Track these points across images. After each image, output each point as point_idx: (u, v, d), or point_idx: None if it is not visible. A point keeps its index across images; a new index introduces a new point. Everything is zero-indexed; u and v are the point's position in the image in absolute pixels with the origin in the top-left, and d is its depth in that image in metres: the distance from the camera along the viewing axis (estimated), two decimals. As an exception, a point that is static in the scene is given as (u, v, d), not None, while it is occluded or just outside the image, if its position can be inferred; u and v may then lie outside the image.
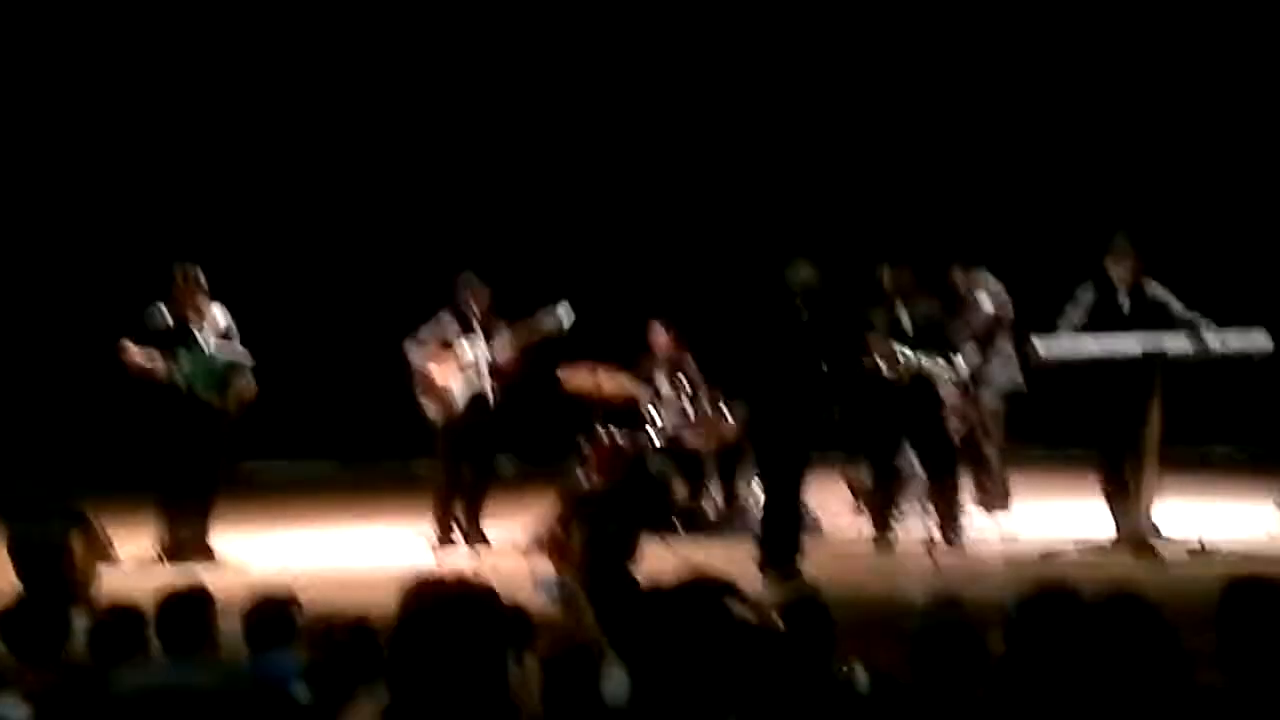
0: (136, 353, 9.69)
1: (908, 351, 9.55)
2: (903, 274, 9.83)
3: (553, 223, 14.48)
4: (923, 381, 9.66)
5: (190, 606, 5.34)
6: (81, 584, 8.47)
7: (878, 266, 9.87)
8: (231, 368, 9.76)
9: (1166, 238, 10.55)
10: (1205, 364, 9.25)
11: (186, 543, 9.65)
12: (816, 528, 10.60)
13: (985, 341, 10.49)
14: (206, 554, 9.65)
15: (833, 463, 11.37)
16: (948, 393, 9.84)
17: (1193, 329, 9.23)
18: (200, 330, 9.79)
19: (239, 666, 5.37)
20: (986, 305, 10.45)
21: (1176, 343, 9.14)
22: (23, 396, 14.00)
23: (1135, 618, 4.44)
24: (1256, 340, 9.18)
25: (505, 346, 10.12)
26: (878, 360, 9.57)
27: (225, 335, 9.87)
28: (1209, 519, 9.96)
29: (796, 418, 8.90)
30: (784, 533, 8.96)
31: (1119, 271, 9.53)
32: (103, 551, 9.01)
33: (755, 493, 10.51)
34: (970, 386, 10.29)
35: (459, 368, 10.12)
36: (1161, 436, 9.20)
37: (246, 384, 9.81)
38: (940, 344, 9.83)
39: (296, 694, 4.83)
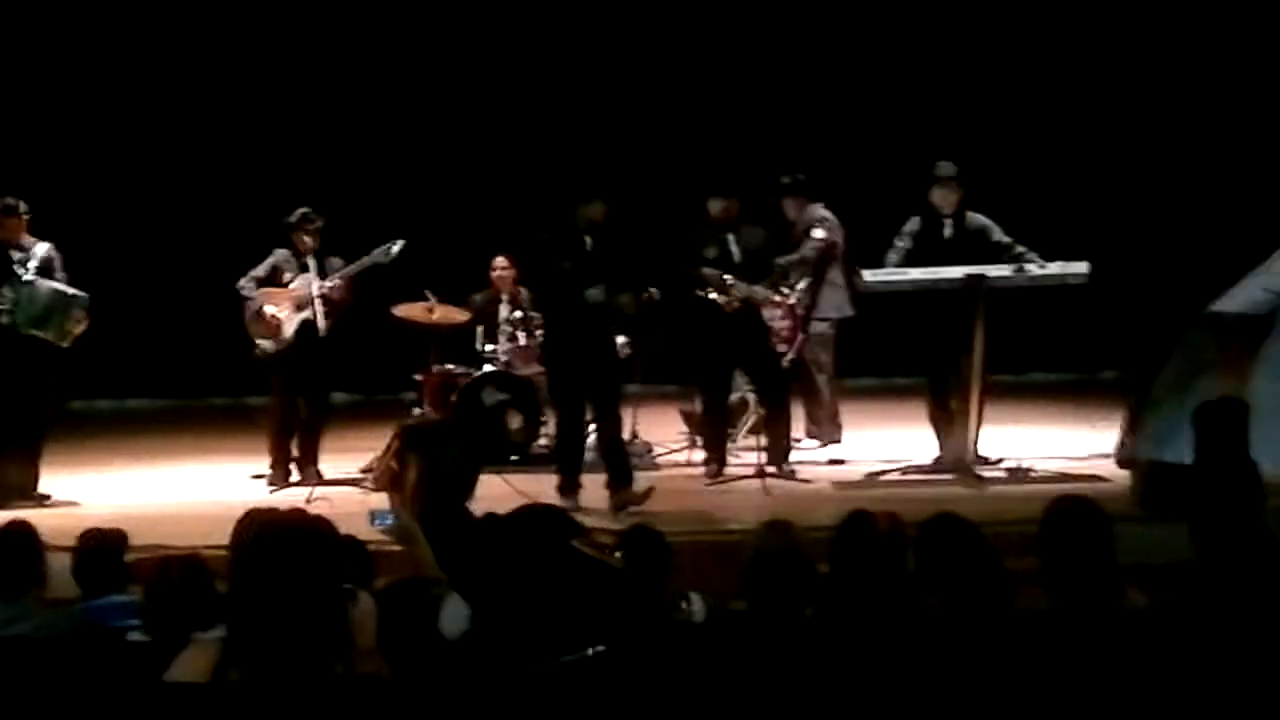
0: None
1: (735, 280, 9.63)
2: (731, 204, 9.89)
3: (388, 159, 14.37)
4: (751, 310, 9.76)
5: (17, 547, 5.26)
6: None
7: (707, 198, 9.93)
8: (59, 301, 9.55)
9: (989, 168, 10.74)
10: (1025, 291, 9.46)
11: (13, 484, 9.47)
12: (650, 459, 10.73)
13: (817, 271, 10.62)
14: (35, 495, 9.49)
15: (667, 394, 11.50)
16: (776, 321, 9.95)
17: (1013, 255, 9.45)
18: (22, 265, 9.57)
19: (71, 609, 5.33)
20: (818, 234, 10.59)
21: (997, 270, 9.34)
22: None
23: (956, 538, 4.59)
24: (1074, 268, 9.41)
25: (338, 277, 10.05)
26: (706, 289, 9.65)
27: (47, 270, 9.65)
28: (1029, 444, 10.23)
29: (574, 347, 9.14)
30: (569, 458, 9.19)
31: (942, 201, 9.72)
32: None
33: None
34: (800, 315, 10.43)
35: (291, 302, 10.03)
36: (984, 363, 9.42)
37: (80, 316, 9.61)
38: (768, 272, 9.94)
39: (132, 636, 4.80)
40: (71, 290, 9.62)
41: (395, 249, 9.94)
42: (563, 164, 12.75)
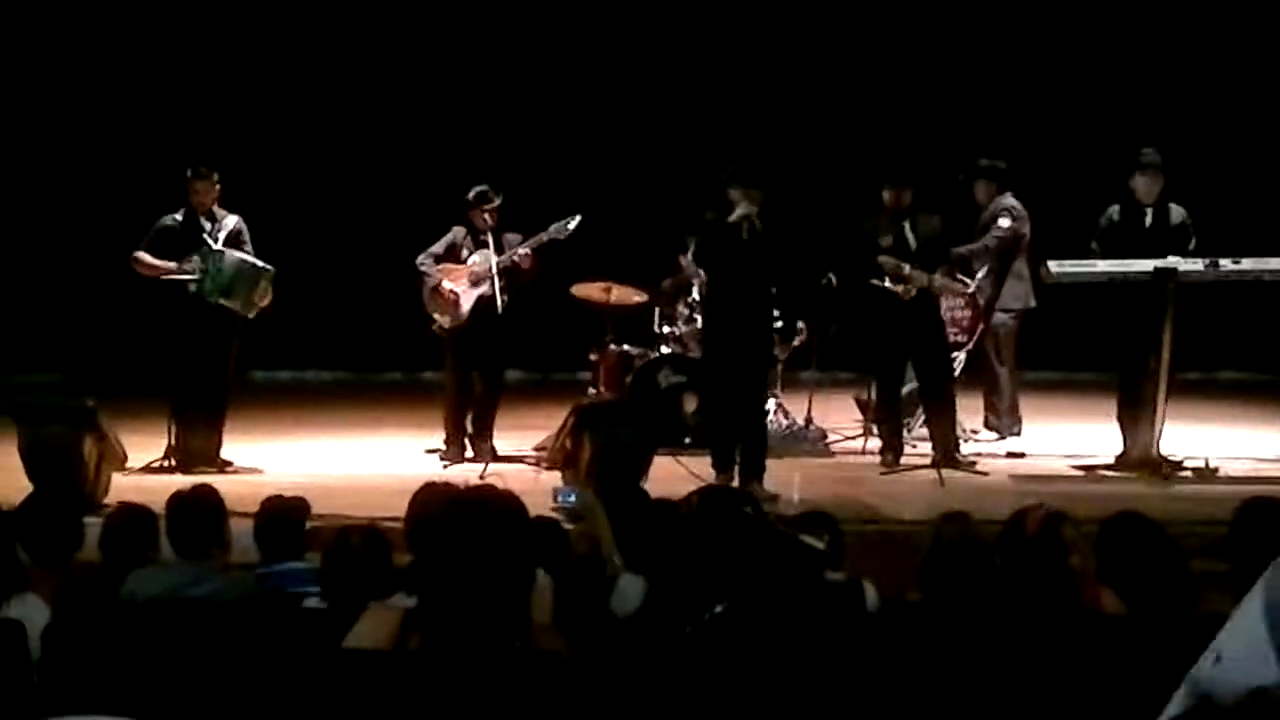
0: (149, 259, 9.70)
1: (911, 268, 9.51)
2: (904, 193, 9.73)
3: (572, 145, 14.41)
4: (927, 299, 9.62)
5: (201, 510, 5.36)
6: (93, 487, 8.56)
7: (882, 187, 9.77)
8: (246, 272, 9.73)
9: (1192, 159, 10.44)
10: (1217, 287, 9.21)
11: (198, 449, 9.67)
12: (825, 446, 10.65)
13: (1001, 261, 10.47)
14: (218, 462, 9.69)
15: (843, 382, 11.40)
16: (957, 311, 9.81)
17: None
18: (212, 235, 9.77)
19: (250, 574, 5.41)
20: (1004, 224, 10.42)
21: (1188, 263, 9.09)
22: (36, 300, 14.05)
23: (1141, 538, 4.46)
24: (1270, 264, 9.12)
25: (518, 252, 10.08)
26: (883, 277, 9.54)
27: (235, 241, 9.84)
28: (1217, 444, 9.97)
29: (738, 336, 9.00)
30: (721, 439, 9.08)
31: (1144, 190, 9.45)
32: (114, 456, 9.09)
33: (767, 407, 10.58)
34: (981, 304, 10.29)
35: (469, 278, 10.10)
36: (1173, 359, 9.18)
37: (266, 289, 9.78)
38: (944, 260, 9.79)
39: (309, 602, 4.86)
40: (260, 262, 9.78)
41: (572, 224, 9.95)
42: (737, 149, 12.69)
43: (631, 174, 14.26)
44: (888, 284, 9.54)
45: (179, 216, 9.82)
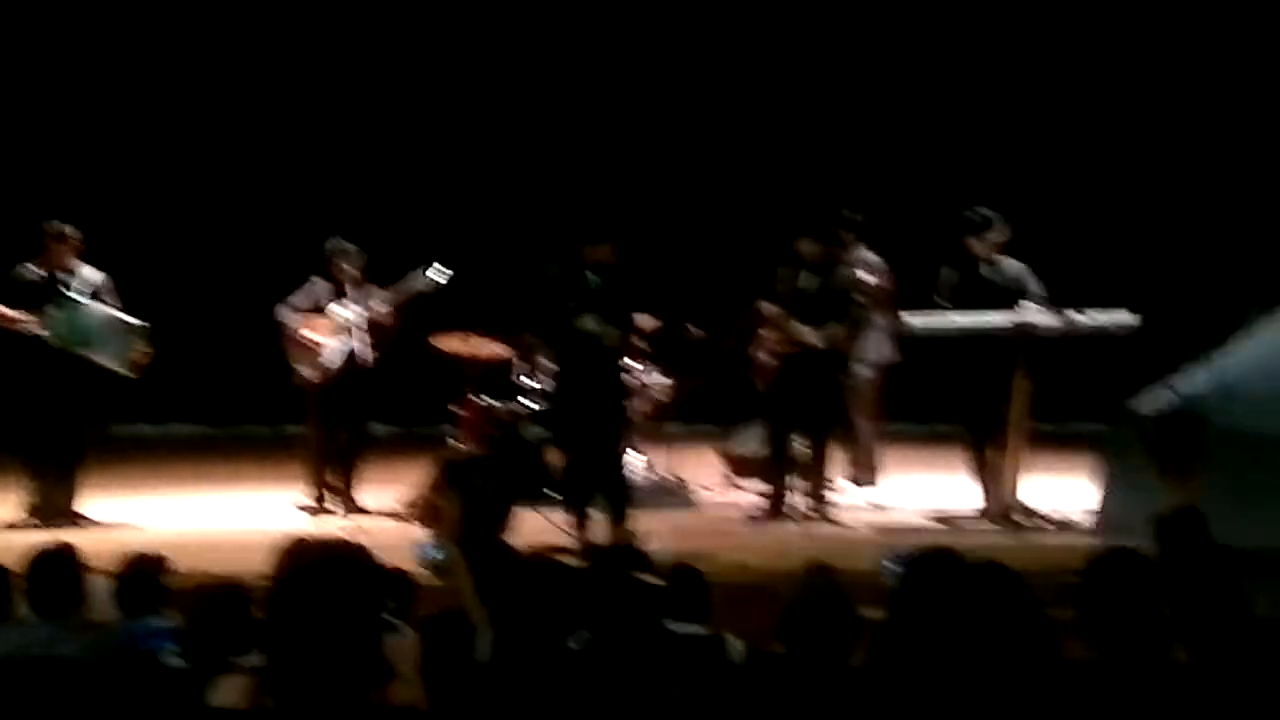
0: (3, 309, 9.54)
1: (798, 324, 9.62)
2: (814, 245, 9.82)
3: (428, 192, 14.41)
4: (810, 353, 9.71)
5: (59, 568, 5.27)
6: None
7: (797, 238, 9.82)
8: (121, 328, 9.62)
9: (1025, 215, 10.66)
10: (1069, 340, 9.40)
11: (55, 505, 9.51)
12: (690, 500, 10.70)
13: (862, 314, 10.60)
14: (75, 517, 9.52)
15: (706, 435, 11.47)
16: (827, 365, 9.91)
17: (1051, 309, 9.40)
18: (70, 287, 9.64)
19: (110, 631, 5.33)
20: (867, 279, 10.56)
21: (1044, 318, 9.29)
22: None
23: (1003, 588, 4.54)
24: (1120, 317, 9.35)
25: (380, 304, 10.07)
26: (770, 332, 9.62)
27: (96, 295, 9.72)
28: (1071, 494, 10.16)
29: (578, 384, 9.19)
30: (577, 495, 9.18)
31: (982, 248, 9.66)
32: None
33: (632, 459, 10.61)
34: (843, 358, 10.39)
35: (332, 331, 10.05)
36: (1028, 412, 9.36)
37: (143, 345, 9.69)
38: (828, 315, 9.85)
39: (169, 660, 4.79)
40: (130, 319, 9.68)
41: (436, 275, 9.95)
42: (616, 201, 12.77)
43: (498, 224, 14.27)
44: (771, 338, 9.64)
45: (38, 268, 9.68)
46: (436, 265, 10.03)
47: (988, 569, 4.52)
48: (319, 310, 10.12)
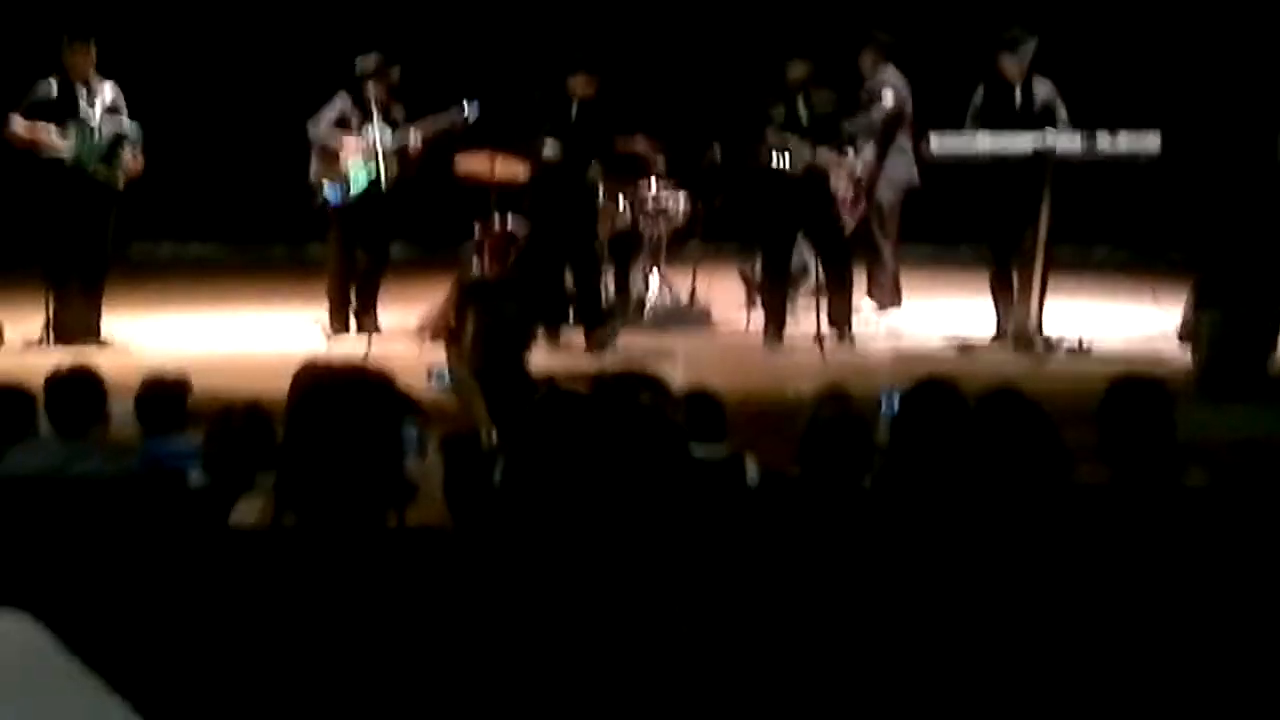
0: (22, 125, 9.47)
1: (801, 144, 9.52)
2: (803, 66, 9.72)
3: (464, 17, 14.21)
4: (816, 175, 9.65)
5: (80, 387, 5.30)
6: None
7: (786, 60, 9.73)
8: (118, 140, 9.56)
9: (1061, 36, 10.52)
10: (1092, 165, 9.32)
11: (76, 324, 9.55)
12: (708, 320, 10.71)
13: (885, 137, 10.51)
14: (96, 336, 9.57)
15: (727, 255, 11.44)
16: (841, 187, 9.86)
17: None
18: (89, 104, 9.57)
19: (132, 450, 5.37)
20: (888, 100, 10.45)
21: (1067, 142, 9.21)
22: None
23: (1016, 412, 4.56)
24: (1146, 141, 9.26)
25: (414, 135, 9.99)
26: (771, 152, 9.55)
27: (113, 110, 9.66)
28: (1091, 319, 10.15)
29: (553, 207, 9.83)
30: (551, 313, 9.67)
31: (1014, 68, 9.55)
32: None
33: (650, 281, 10.62)
34: (865, 181, 10.33)
35: (359, 151, 9.97)
36: (1049, 236, 9.31)
37: (133, 157, 9.62)
38: (835, 137, 9.82)
39: (191, 479, 4.84)
40: (130, 131, 9.61)
41: (470, 112, 9.90)
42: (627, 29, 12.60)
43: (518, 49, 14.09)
44: (774, 159, 9.56)
45: (54, 84, 9.60)
46: (475, 103, 9.98)
47: (1000, 394, 4.55)
48: (345, 128, 10.01)
